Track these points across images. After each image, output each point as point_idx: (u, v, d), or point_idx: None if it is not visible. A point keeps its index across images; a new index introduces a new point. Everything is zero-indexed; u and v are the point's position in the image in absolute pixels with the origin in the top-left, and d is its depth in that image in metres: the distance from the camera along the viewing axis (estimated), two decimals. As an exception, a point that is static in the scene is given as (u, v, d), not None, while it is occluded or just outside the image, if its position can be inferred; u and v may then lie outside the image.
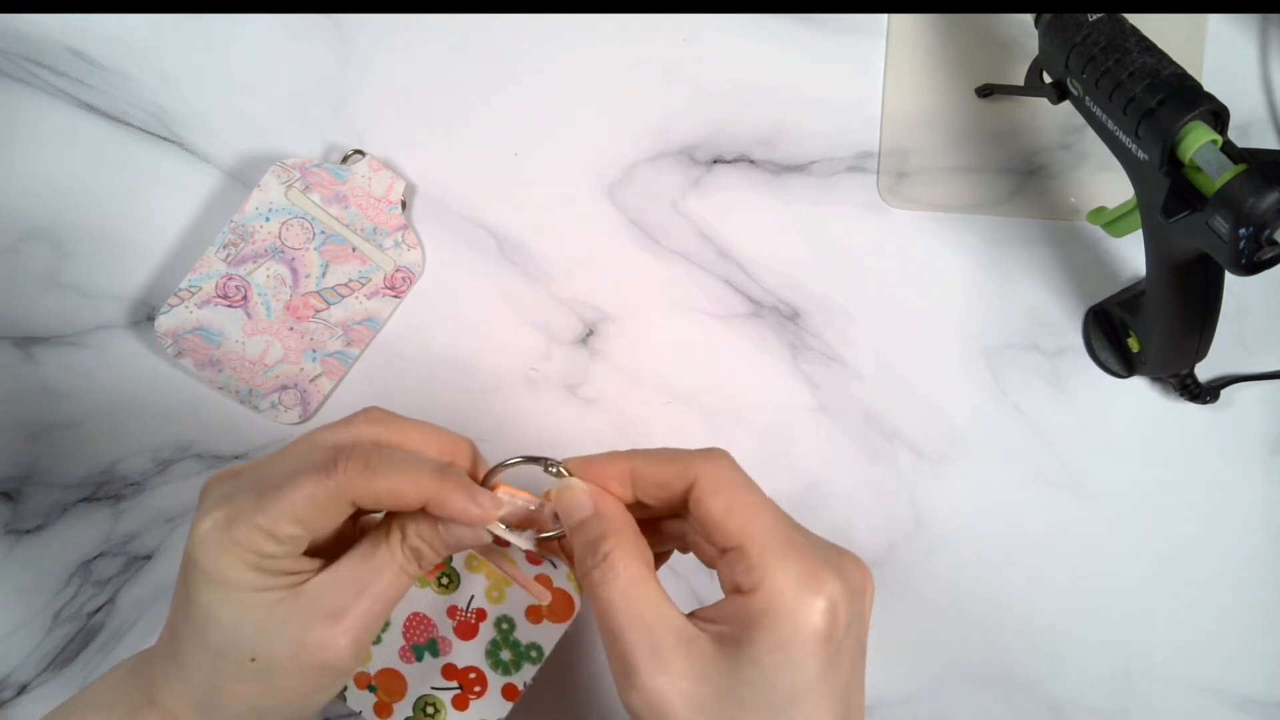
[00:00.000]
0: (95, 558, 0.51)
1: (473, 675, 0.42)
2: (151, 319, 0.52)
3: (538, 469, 0.38)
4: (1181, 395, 0.52)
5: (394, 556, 0.37)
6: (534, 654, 0.41)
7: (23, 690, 0.51)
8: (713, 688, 0.33)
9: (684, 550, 0.39)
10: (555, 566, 0.41)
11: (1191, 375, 0.51)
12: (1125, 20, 0.44)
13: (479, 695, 0.42)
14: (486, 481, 0.38)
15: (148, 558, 0.51)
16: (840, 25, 0.54)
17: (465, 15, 0.54)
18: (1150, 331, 0.49)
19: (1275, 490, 0.52)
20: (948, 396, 0.53)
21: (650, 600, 0.34)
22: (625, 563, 0.35)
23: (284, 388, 0.51)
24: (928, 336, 0.53)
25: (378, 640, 0.43)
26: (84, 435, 0.52)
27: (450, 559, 0.42)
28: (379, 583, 0.36)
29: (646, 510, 0.38)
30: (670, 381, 0.53)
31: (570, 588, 0.41)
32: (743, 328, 0.53)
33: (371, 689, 0.42)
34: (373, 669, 0.42)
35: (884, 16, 0.54)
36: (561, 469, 0.38)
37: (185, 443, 0.52)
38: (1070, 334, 0.53)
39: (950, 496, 0.52)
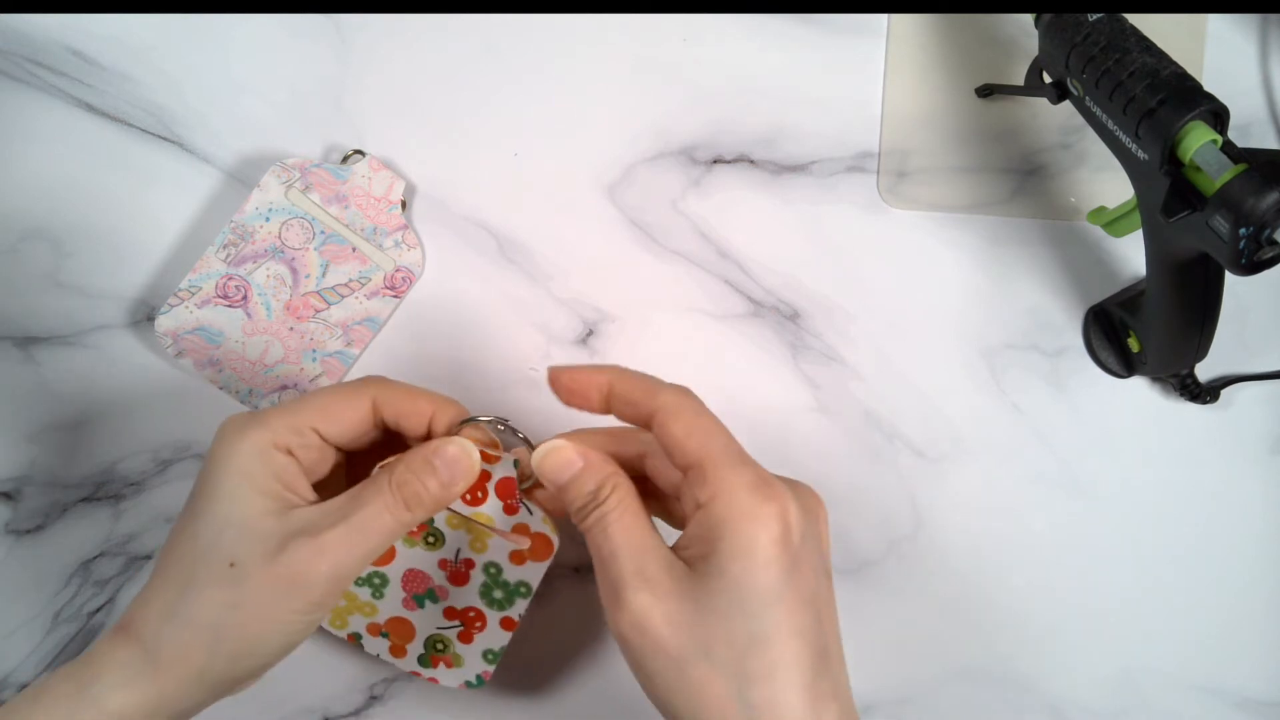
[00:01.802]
0: (95, 558, 0.51)
1: (472, 614, 0.45)
2: (151, 319, 0.52)
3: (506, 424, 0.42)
4: (1181, 395, 0.52)
5: (380, 493, 0.39)
6: (523, 589, 0.44)
7: (23, 690, 0.51)
8: (691, 604, 0.35)
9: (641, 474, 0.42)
10: (531, 513, 0.43)
11: (1191, 375, 0.51)
12: (1125, 20, 0.44)
13: (481, 629, 0.45)
14: (454, 433, 0.41)
15: (148, 558, 0.51)
16: (840, 25, 0.54)
17: (465, 15, 0.54)
18: (1150, 331, 0.49)
19: (1275, 490, 0.52)
20: (948, 396, 0.53)
21: (643, 532, 0.37)
22: (623, 499, 0.38)
23: (284, 388, 0.51)
24: (928, 336, 0.53)
25: (380, 595, 0.45)
26: (84, 435, 0.52)
27: (432, 520, 0.44)
28: (361, 514, 0.38)
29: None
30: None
31: (547, 529, 0.43)
32: (743, 328, 0.53)
33: (384, 635, 0.46)
34: (382, 619, 0.46)
35: (884, 16, 0.54)
36: (524, 436, 0.41)
37: (185, 443, 0.52)
38: (1070, 334, 0.53)
39: (950, 496, 0.52)
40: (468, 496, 0.43)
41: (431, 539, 0.45)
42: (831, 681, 0.36)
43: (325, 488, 0.42)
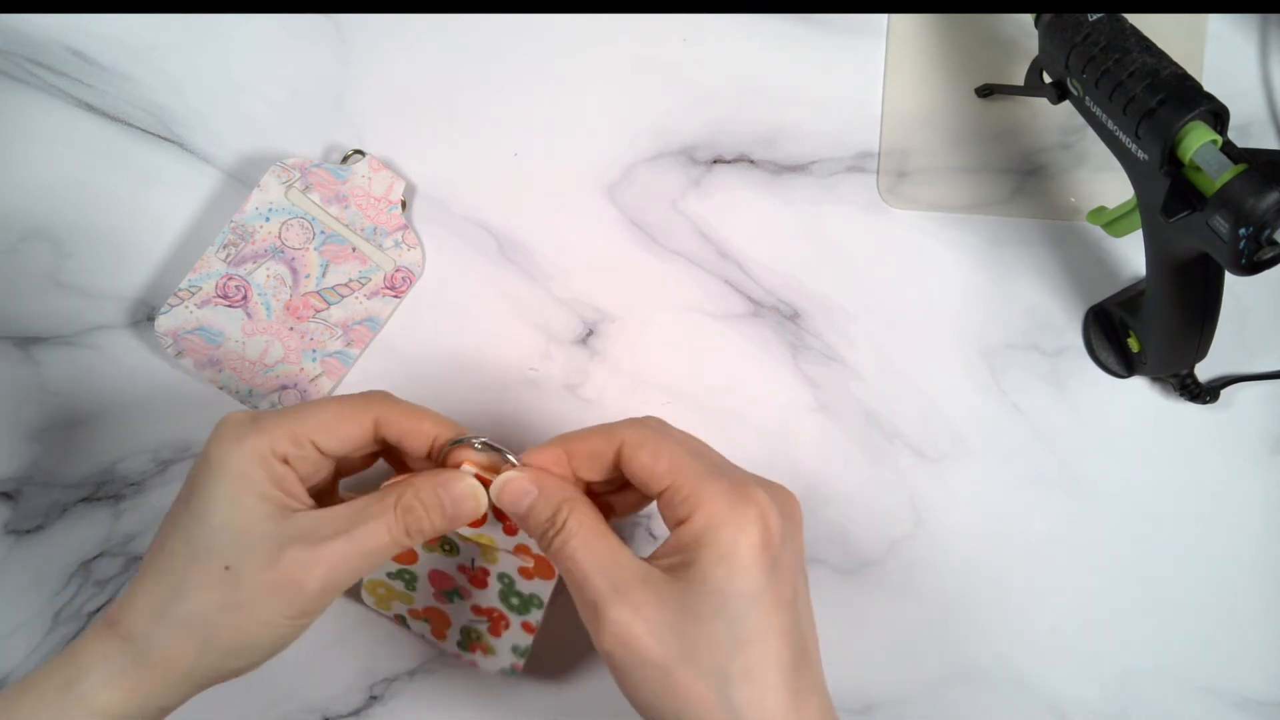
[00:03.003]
0: (95, 558, 0.51)
1: (496, 614, 0.47)
2: (151, 319, 0.52)
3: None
4: (1181, 395, 0.52)
5: (383, 512, 0.39)
6: (536, 602, 0.46)
7: (3, 687, 0.51)
8: (671, 611, 0.36)
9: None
10: None
11: (1191, 375, 0.51)
12: (1125, 20, 0.44)
13: (506, 628, 0.47)
14: (447, 454, 0.41)
15: (148, 558, 0.51)
16: (840, 25, 0.54)
17: (465, 15, 0.54)
18: (1150, 331, 0.49)
19: (1275, 490, 0.52)
20: (948, 396, 0.53)
21: (609, 549, 0.38)
22: (580, 520, 0.38)
23: (284, 388, 0.51)
24: (928, 336, 0.53)
25: (413, 589, 0.47)
26: (84, 435, 0.52)
27: None
28: (361, 530, 0.38)
29: (597, 486, 0.41)
30: (670, 381, 0.53)
31: None
32: (743, 328, 0.53)
33: (425, 620, 0.48)
34: (420, 606, 0.48)
35: (884, 16, 0.54)
36: (508, 455, 0.41)
37: (185, 443, 0.52)
38: (1070, 334, 0.53)
39: (950, 496, 0.52)
40: None
41: (447, 547, 0.46)
42: (811, 677, 0.37)
43: (316, 491, 0.42)
